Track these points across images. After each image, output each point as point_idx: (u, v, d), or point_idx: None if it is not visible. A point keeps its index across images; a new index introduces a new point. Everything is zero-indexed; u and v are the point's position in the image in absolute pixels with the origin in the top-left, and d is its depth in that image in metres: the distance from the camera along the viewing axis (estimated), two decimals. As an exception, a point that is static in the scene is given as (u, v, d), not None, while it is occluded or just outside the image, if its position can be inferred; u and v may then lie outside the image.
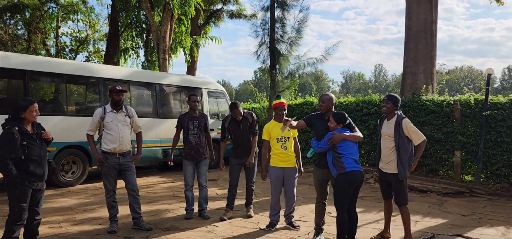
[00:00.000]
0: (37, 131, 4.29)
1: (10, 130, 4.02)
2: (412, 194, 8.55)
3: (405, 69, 11.50)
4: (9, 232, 4.09)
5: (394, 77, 77.38)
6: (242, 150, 6.24)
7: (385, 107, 5.01)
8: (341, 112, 4.77)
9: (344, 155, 4.51)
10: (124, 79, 10.36)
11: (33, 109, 4.20)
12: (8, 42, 18.16)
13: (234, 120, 6.24)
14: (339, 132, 4.57)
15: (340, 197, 4.53)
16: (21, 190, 4.08)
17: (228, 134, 6.33)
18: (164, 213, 6.60)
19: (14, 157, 4.02)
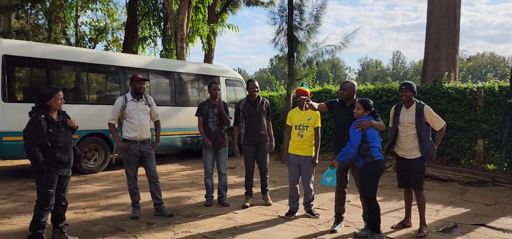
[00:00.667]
0: (63, 119, 4.38)
1: (37, 117, 4.11)
2: (433, 183, 8.46)
3: (427, 55, 11.31)
4: (37, 217, 4.20)
5: (413, 64, 76.14)
6: (254, 135, 6.18)
7: (404, 95, 4.97)
8: (368, 99, 4.75)
9: (372, 144, 4.53)
10: (143, 68, 10.46)
11: (58, 97, 4.27)
12: (30, 32, 18.47)
13: (249, 102, 6.24)
14: (364, 117, 4.58)
15: (370, 186, 4.58)
16: (48, 176, 4.18)
17: (242, 117, 6.30)
18: (184, 200, 6.69)
19: (41, 144, 4.11)
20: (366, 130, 4.55)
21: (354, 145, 4.53)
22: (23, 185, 7.71)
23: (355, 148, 4.53)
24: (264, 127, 6.26)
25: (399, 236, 4.90)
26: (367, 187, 4.57)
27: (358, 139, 4.53)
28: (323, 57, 11.52)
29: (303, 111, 5.53)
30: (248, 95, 6.30)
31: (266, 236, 4.87)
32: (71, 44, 20.45)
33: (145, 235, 4.79)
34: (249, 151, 6.27)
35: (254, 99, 6.23)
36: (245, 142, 6.28)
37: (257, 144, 6.21)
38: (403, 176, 5.13)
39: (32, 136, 4.09)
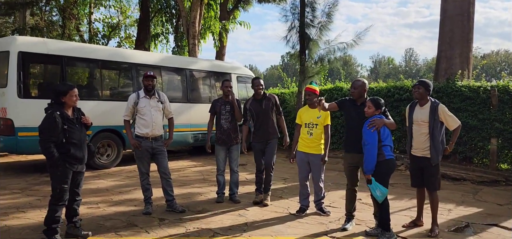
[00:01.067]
0: (77, 116, 4.45)
1: (52, 114, 4.19)
2: (445, 182, 8.39)
3: (440, 53, 11.19)
4: (52, 212, 4.27)
5: (426, 62, 75.39)
6: (264, 132, 6.20)
7: (416, 92, 4.95)
8: (379, 98, 4.74)
9: (384, 142, 4.52)
10: (155, 65, 10.54)
11: (73, 94, 4.34)
12: (44, 28, 18.69)
13: (256, 100, 6.25)
14: (376, 116, 4.56)
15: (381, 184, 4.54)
16: (62, 171, 4.25)
17: (250, 116, 6.32)
18: (195, 196, 6.74)
19: (55, 140, 4.18)
20: (380, 131, 4.53)
21: (374, 145, 4.47)
22: (37, 179, 7.85)
23: (375, 147, 4.47)
24: (272, 124, 6.23)
25: (411, 235, 4.89)
26: (380, 183, 4.55)
27: (375, 138, 4.49)
28: (335, 55, 11.48)
29: (313, 109, 5.55)
30: (254, 94, 6.30)
31: (277, 233, 4.89)
32: (85, 40, 20.65)
33: (157, 231, 4.85)
34: (258, 148, 6.28)
35: (260, 97, 6.23)
36: (254, 140, 6.30)
37: (266, 140, 6.22)
38: (416, 175, 5.10)
39: (47, 132, 4.16)
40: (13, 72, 7.93)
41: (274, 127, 6.25)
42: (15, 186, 7.15)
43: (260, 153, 6.29)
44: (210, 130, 6.43)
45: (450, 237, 4.87)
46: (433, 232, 4.86)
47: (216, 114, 6.33)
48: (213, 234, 4.78)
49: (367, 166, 4.51)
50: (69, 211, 4.52)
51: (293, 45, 11.57)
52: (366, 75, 77.64)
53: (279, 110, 6.35)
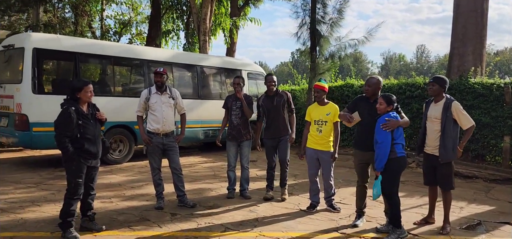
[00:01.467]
0: (92, 111, 4.52)
1: (68, 109, 4.27)
2: (457, 179, 8.31)
3: (452, 50, 11.09)
4: (67, 206, 4.35)
5: (438, 58, 74.54)
6: (275, 129, 6.21)
7: (430, 89, 4.94)
8: (391, 94, 4.73)
9: (396, 140, 4.50)
10: (166, 61, 10.61)
11: (88, 90, 4.42)
12: (57, 25, 18.88)
13: (268, 97, 6.27)
14: (389, 115, 4.53)
15: (391, 182, 4.54)
16: (77, 166, 4.33)
17: (263, 113, 6.34)
18: (206, 192, 6.80)
19: (70, 135, 4.26)
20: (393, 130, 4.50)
21: (387, 144, 4.45)
22: (51, 174, 7.97)
23: (388, 146, 4.44)
24: (284, 121, 6.24)
25: (422, 233, 4.88)
26: (388, 182, 4.54)
27: (388, 137, 4.46)
28: (346, 51, 11.47)
29: (322, 106, 5.58)
30: (266, 90, 6.33)
31: (288, 229, 4.92)
32: (97, 37, 20.82)
33: (169, 225, 4.91)
34: (269, 145, 6.31)
35: (272, 93, 6.25)
36: (265, 136, 6.33)
37: (278, 137, 6.24)
38: (429, 173, 5.08)
39: (62, 126, 4.24)
40: (28, 69, 8.06)
41: (285, 124, 6.25)
42: (30, 180, 7.27)
43: (272, 150, 6.32)
44: (224, 125, 6.50)
45: (462, 235, 4.85)
46: (445, 230, 4.86)
47: (228, 110, 6.38)
48: (224, 229, 4.83)
49: (378, 163, 4.51)
50: (84, 205, 4.60)
51: (304, 41, 11.56)
52: (377, 72, 77.13)
53: (291, 107, 6.35)
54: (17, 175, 7.66)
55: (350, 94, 12.01)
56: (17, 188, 6.66)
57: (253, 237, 4.58)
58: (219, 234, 4.67)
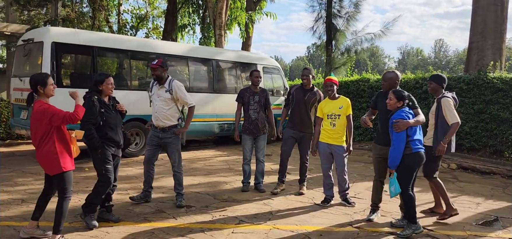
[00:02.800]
0: (113, 103, 4.71)
1: (91, 98, 4.48)
2: (474, 175, 8.23)
3: (471, 44, 10.90)
4: (96, 193, 4.49)
5: (456, 53, 73.20)
6: (299, 122, 6.18)
7: (429, 87, 5.25)
8: (402, 90, 4.67)
9: (411, 137, 4.45)
10: (182, 55, 10.69)
11: (109, 82, 4.60)
12: (75, 20, 19.15)
13: (302, 88, 6.24)
14: (398, 114, 4.45)
15: (405, 178, 4.51)
16: (103, 152, 4.48)
17: (291, 101, 6.29)
18: (221, 185, 6.85)
19: (94, 122, 4.43)
20: None
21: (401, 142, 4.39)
22: (70, 166, 8.12)
23: (402, 144, 4.40)
24: (309, 117, 6.20)
25: (438, 227, 4.84)
26: (402, 178, 4.49)
27: (402, 136, 4.39)
28: (362, 45, 11.40)
29: (334, 101, 5.57)
30: (302, 83, 6.31)
31: (302, 222, 4.94)
32: (114, 31, 21.06)
33: (184, 217, 4.98)
34: (289, 135, 6.26)
35: (307, 87, 6.22)
36: (288, 126, 6.30)
37: (300, 131, 6.20)
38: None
39: (87, 114, 4.34)
40: (47, 62, 8.21)
41: (310, 121, 6.21)
42: (49, 172, 7.43)
43: (291, 141, 6.27)
44: (238, 119, 6.47)
45: (478, 231, 4.80)
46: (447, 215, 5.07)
47: (244, 104, 6.36)
48: (238, 222, 4.87)
49: (391, 161, 4.49)
50: (105, 197, 4.69)
51: (320, 35, 11.53)
52: (394, 66, 76.18)
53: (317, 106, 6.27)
54: (36, 167, 7.82)
55: (366, 89, 11.92)
56: (37, 179, 6.82)
57: (267, 230, 4.61)
58: (233, 226, 4.71)
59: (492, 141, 9.39)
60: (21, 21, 21.81)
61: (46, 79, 3.98)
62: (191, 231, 4.51)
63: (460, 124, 5.14)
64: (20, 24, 19.89)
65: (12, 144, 10.75)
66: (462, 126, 9.81)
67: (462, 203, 6.02)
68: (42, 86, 3.96)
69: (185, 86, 10.80)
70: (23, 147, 10.39)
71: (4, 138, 11.03)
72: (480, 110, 9.55)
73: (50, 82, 4.00)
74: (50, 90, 4.00)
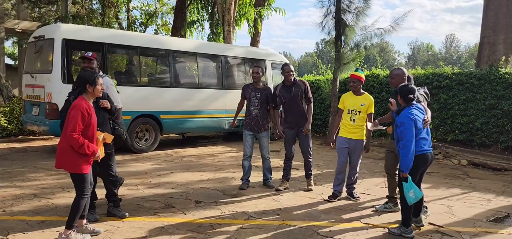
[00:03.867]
0: (96, 99, 4.32)
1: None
2: (485, 172, 8.16)
3: (483, 39, 10.79)
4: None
5: (468, 48, 72.46)
6: (293, 119, 6.15)
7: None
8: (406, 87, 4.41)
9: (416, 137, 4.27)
10: (191, 51, 10.72)
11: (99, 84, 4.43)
12: (85, 17, 19.30)
13: (285, 86, 6.18)
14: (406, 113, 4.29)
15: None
16: None
17: (280, 102, 6.27)
18: (230, 181, 6.87)
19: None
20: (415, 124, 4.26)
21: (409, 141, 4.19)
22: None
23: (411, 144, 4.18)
24: (302, 110, 6.16)
25: (447, 224, 4.81)
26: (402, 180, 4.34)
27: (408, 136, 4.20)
28: (372, 41, 11.29)
29: (357, 96, 5.56)
30: (284, 80, 6.24)
31: (310, 218, 4.94)
32: (123, 28, 21.18)
33: (193, 212, 5.01)
34: (288, 135, 6.25)
35: (290, 83, 6.15)
36: (284, 126, 6.28)
37: (296, 127, 6.19)
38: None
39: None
40: (58, 59, 8.30)
41: (304, 113, 6.16)
42: (60, 167, 7.51)
43: (291, 140, 6.27)
44: (238, 112, 6.45)
45: (489, 227, 4.76)
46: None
47: (246, 100, 6.35)
48: (247, 217, 4.89)
49: (402, 164, 4.26)
50: (107, 190, 4.73)
51: (329, 31, 11.45)
52: (404, 62, 75.59)
53: (308, 97, 6.19)
54: (48, 162, 7.93)
55: (376, 85, 11.86)
56: (48, 175, 6.90)
57: (276, 226, 4.62)
58: (242, 221, 4.73)
59: (503, 137, 9.29)
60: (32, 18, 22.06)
61: (97, 79, 3.99)
62: (200, 226, 4.53)
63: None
64: (31, 21, 20.13)
65: (25, 140, 10.89)
66: (473, 121, 9.73)
67: (472, 200, 5.97)
68: (91, 85, 3.96)
69: (194, 82, 10.95)
70: (35, 143, 10.52)
71: (16, 134, 11.18)
72: (492, 106, 9.45)
73: (100, 82, 4.02)
74: (98, 90, 4.02)
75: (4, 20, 18.14)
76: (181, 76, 10.57)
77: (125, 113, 7.91)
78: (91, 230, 4.16)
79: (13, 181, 6.33)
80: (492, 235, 4.51)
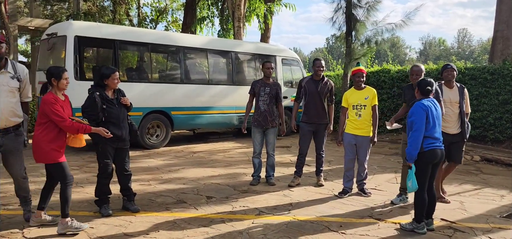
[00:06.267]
0: (117, 97, 4.71)
1: (93, 94, 4.52)
2: (499, 167, 8.06)
3: (496, 33, 10.64)
4: (99, 184, 4.69)
5: (480, 42, 71.38)
6: (315, 113, 6.10)
7: (450, 74, 5.29)
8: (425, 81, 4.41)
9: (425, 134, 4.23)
10: (202, 48, 10.75)
11: (115, 77, 4.60)
12: (96, 14, 19.47)
13: (313, 80, 6.17)
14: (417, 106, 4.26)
15: (417, 177, 4.29)
16: (103, 147, 4.59)
17: (303, 95, 6.25)
18: (241, 177, 6.89)
19: (95, 118, 4.49)
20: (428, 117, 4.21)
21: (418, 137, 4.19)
22: (93, 157, 8.27)
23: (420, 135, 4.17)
24: (324, 108, 6.13)
25: (460, 220, 4.77)
26: (417, 176, 4.30)
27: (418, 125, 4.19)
28: (383, 36, 11.24)
29: (360, 91, 5.55)
30: (313, 74, 6.23)
31: (321, 213, 4.93)
32: (134, 25, 21.32)
33: (205, 208, 5.04)
34: (306, 130, 6.20)
35: (318, 78, 6.14)
36: (303, 120, 6.23)
37: (316, 123, 6.15)
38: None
39: (88, 110, 4.47)
40: (70, 56, 8.38)
41: (325, 112, 6.14)
42: (73, 163, 7.62)
43: (308, 135, 6.22)
44: (248, 111, 6.39)
45: (503, 223, 4.71)
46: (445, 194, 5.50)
47: (255, 95, 6.30)
48: (258, 213, 4.91)
49: (408, 153, 4.27)
50: (121, 184, 4.83)
51: (339, 26, 11.42)
52: (415, 57, 74.88)
53: (332, 98, 6.20)
54: (61, 158, 8.03)
55: (387, 80, 11.77)
56: (61, 170, 6.99)
57: (287, 221, 4.63)
58: (253, 217, 4.75)
59: (517, 132, 9.18)
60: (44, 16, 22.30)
61: (62, 73, 4.10)
62: (212, 221, 4.56)
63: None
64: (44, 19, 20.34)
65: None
66: (486, 117, 9.62)
67: (485, 195, 5.92)
68: (56, 79, 4.07)
69: (205, 78, 10.98)
70: (48, 139, 10.65)
71: (30, 130, 11.33)
72: (505, 101, 9.33)
73: (64, 76, 4.11)
74: (63, 84, 4.11)
75: (17, 18, 18.36)
76: (191, 73, 10.61)
77: (136, 110, 7.98)
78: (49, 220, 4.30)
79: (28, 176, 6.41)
80: (505, 231, 4.47)
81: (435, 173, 4.48)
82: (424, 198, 4.33)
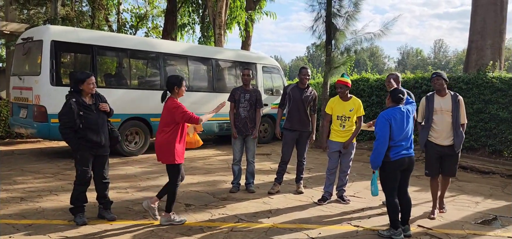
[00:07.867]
0: (96, 102, 4.59)
1: (68, 101, 4.42)
2: (474, 175, 8.24)
3: (471, 44, 10.92)
4: (75, 191, 4.56)
5: (456, 53, 73.17)
6: (298, 120, 6.13)
7: (437, 83, 5.14)
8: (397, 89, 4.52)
9: (392, 142, 4.32)
10: (182, 54, 10.68)
11: (90, 82, 4.51)
12: (74, 19, 19.13)
13: (298, 88, 6.19)
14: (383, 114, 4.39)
15: (385, 184, 4.43)
16: (81, 155, 4.49)
17: (287, 101, 6.24)
18: (220, 184, 6.85)
19: (72, 125, 4.40)
20: (391, 126, 4.31)
21: (381, 145, 4.30)
22: (68, 165, 8.11)
23: (382, 144, 4.28)
24: (307, 116, 6.18)
25: (436, 226, 4.84)
26: (383, 183, 4.45)
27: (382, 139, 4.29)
28: (362, 45, 11.35)
29: (345, 102, 5.60)
30: (298, 81, 6.26)
31: (301, 220, 4.94)
32: (113, 30, 21.04)
33: (183, 216, 4.97)
34: (289, 137, 6.21)
35: (304, 86, 6.18)
36: (286, 127, 6.24)
37: (299, 130, 6.17)
38: (435, 164, 5.15)
39: (64, 118, 4.38)
40: (46, 61, 8.19)
41: (308, 119, 6.19)
42: (48, 171, 7.43)
43: (291, 143, 6.23)
44: (233, 118, 6.33)
45: (477, 229, 4.80)
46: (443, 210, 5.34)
47: (235, 102, 6.28)
48: (238, 220, 4.87)
49: (371, 161, 4.41)
50: (98, 193, 4.72)
51: (319, 35, 11.49)
52: (394, 67, 76.19)
53: (315, 107, 6.28)
54: (36, 165, 7.83)
55: (366, 89, 11.93)
56: (35, 178, 6.82)
57: (266, 229, 4.61)
58: (232, 224, 4.71)
59: (491, 140, 9.40)
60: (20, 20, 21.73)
61: (182, 82, 4.66)
62: (190, 229, 4.51)
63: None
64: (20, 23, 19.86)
65: (12, 143, 10.73)
66: (461, 125, 9.83)
67: (461, 202, 6.03)
68: (178, 87, 4.62)
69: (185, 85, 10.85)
70: (22, 146, 10.38)
71: (3, 137, 11.02)
72: (479, 110, 9.56)
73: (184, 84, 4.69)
74: (182, 91, 4.69)
75: (-8, 21, 17.89)
76: (171, 79, 10.50)
77: (115, 116, 7.82)
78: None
79: (-1, 184, 6.24)
80: (480, 237, 4.56)
81: (407, 178, 4.54)
82: (394, 203, 4.40)
